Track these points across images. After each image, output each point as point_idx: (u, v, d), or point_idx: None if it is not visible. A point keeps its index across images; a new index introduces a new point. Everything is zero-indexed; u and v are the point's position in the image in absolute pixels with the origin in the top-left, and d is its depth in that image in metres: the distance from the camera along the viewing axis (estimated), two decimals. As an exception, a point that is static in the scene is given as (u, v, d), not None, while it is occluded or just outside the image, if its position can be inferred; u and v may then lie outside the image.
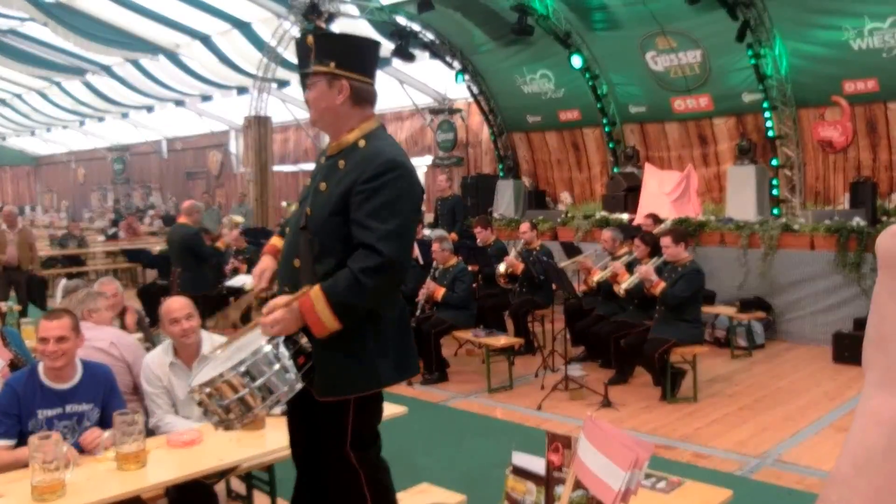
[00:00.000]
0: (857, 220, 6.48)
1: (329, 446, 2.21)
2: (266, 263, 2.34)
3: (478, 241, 7.00)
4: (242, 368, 1.97)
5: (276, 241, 2.44)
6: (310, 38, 2.21)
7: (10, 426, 2.54)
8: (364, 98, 2.18)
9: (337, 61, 2.13)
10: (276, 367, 1.99)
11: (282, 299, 2.06)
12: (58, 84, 16.12)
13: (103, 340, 3.29)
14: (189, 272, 6.56)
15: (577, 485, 1.69)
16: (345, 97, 2.14)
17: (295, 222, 2.27)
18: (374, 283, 2.01)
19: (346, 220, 2.08)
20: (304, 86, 2.25)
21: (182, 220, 6.77)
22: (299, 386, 2.05)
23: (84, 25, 11.60)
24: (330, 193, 2.14)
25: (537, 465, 1.90)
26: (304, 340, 2.09)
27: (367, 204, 2.04)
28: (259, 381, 1.97)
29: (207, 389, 1.99)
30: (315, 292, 2.01)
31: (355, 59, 2.17)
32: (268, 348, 2.00)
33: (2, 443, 2.51)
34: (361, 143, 2.14)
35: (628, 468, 1.50)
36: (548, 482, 1.85)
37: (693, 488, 2.13)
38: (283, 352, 2.02)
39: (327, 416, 2.18)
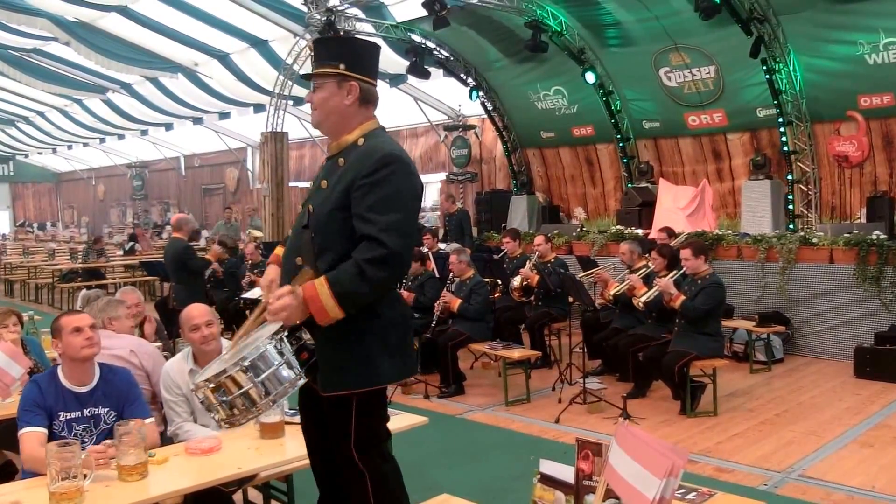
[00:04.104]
0: (877, 234, 6.41)
1: (335, 447, 2.23)
2: (272, 275, 2.34)
3: (506, 251, 7.07)
4: (246, 363, 1.99)
5: (279, 251, 2.47)
6: (315, 41, 2.30)
7: (42, 417, 2.57)
8: (369, 99, 2.24)
9: (346, 63, 2.18)
10: (279, 361, 2.02)
11: (287, 287, 2.09)
12: (79, 102, 16.45)
13: (123, 348, 3.31)
14: (182, 286, 6.47)
15: (609, 493, 1.64)
16: (354, 98, 2.20)
17: (298, 223, 2.32)
18: (378, 274, 2.04)
19: (349, 215, 2.12)
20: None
21: (175, 234, 6.72)
22: (302, 381, 2.08)
23: (105, 44, 11.86)
24: (331, 190, 2.18)
25: (566, 473, 1.86)
26: (306, 336, 2.12)
27: (367, 198, 2.08)
28: (262, 376, 2.00)
29: (212, 385, 2.01)
30: (319, 281, 2.05)
31: (363, 61, 2.23)
32: (270, 344, 2.03)
33: (39, 430, 2.53)
34: (361, 141, 2.20)
35: (663, 476, 1.45)
36: (577, 491, 1.80)
37: (724, 500, 2.08)
38: (287, 347, 2.05)
39: (332, 415, 2.21)
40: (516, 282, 6.47)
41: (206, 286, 6.97)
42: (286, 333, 2.07)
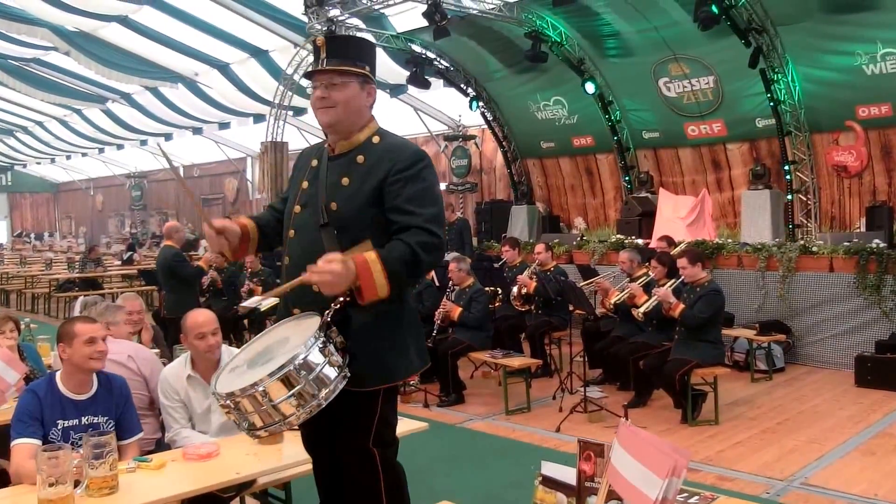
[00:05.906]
0: (877, 242, 6.41)
1: (353, 442, 2.18)
2: (227, 222, 2.28)
3: (505, 260, 7.05)
4: (300, 360, 1.92)
5: (244, 220, 2.38)
6: (339, 37, 2.33)
7: (36, 428, 2.51)
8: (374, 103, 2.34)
9: (370, 67, 2.25)
10: (326, 359, 1.98)
11: (337, 254, 1.98)
12: (78, 112, 16.48)
13: (121, 354, 3.29)
14: (173, 294, 6.41)
15: (611, 495, 1.62)
16: (372, 101, 2.26)
17: (304, 222, 2.22)
18: (427, 259, 2.08)
19: (381, 209, 2.13)
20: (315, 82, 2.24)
21: (167, 242, 6.62)
22: (345, 381, 2.02)
23: (105, 54, 11.90)
24: (359, 186, 2.15)
25: (568, 475, 1.84)
26: (337, 337, 2.05)
27: (405, 190, 2.11)
28: (314, 374, 1.95)
29: (261, 388, 1.91)
30: (371, 256, 2.00)
31: (374, 66, 2.31)
32: (314, 342, 1.96)
33: (31, 441, 2.47)
34: (375, 139, 2.21)
35: (666, 476, 1.43)
36: (579, 492, 1.79)
37: (727, 503, 2.06)
38: (330, 347, 2.01)
39: (356, 411, 2.15)
40: (516, 290, 6.46)
41: (198, 295, 6.90)
42: (323, 335, 2.00)
